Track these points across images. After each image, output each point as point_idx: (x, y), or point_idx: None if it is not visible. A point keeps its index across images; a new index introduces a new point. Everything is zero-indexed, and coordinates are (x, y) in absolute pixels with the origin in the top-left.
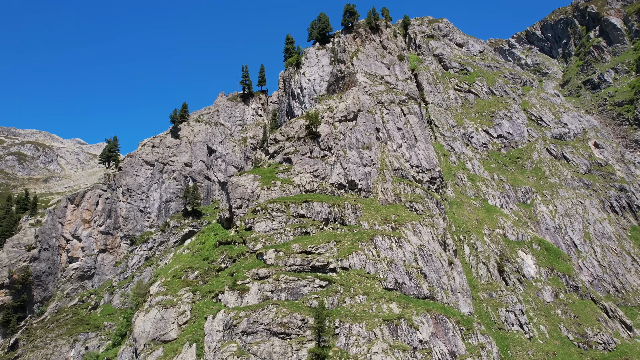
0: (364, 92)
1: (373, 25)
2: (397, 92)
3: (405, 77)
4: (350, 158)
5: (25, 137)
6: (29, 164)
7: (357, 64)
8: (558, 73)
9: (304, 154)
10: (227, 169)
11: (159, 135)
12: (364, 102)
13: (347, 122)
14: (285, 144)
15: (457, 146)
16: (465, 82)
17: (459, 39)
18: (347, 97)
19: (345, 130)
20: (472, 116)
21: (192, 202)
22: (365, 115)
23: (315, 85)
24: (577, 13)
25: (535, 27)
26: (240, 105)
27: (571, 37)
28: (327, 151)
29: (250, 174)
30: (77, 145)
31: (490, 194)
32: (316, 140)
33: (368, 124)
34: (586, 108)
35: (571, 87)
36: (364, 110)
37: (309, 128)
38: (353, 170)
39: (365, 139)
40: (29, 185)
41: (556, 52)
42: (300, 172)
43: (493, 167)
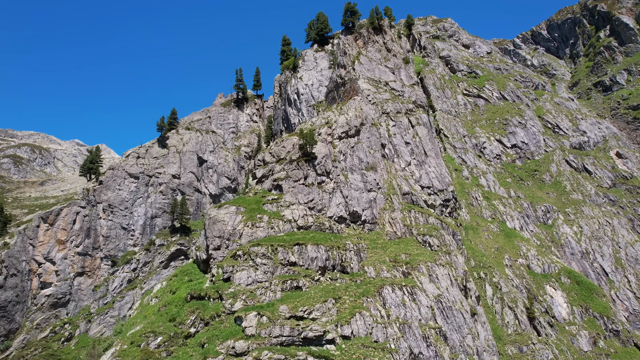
0: (367, 101)
1: (376, 26)
2: (403, 100)
3: (411, 82)
4: (352, 183)
5: (22, 139)
6: (25, 167)
7: (359, 68)
8: (566, 74)
9: (297, 180)
10: (219, 180)
11: (145, 144)
12: (367, 114)
13: (348, 139)
14: (275, 168)
15: (469, 159)
16: (474, 86)
17: (465, 39)
18: (348, 108)
19: (346, 149)
20: (483, 124)
21: (180, 218)
22: (369, 130)
23: (313, 90)
24: (585, 12)
25: (541, 27)
26: (234, 111)
27: (579, 37)
28: (324, 176)
29: (232, 205)
30: (76, 146)
31: (508, 215)
32: (311, 163)
33: (372, 140)
34: (598, 111)
35: (581, 89)
36: (367, 123)
37: (303, 148)
38: (356, 198)
39: (369, 157)
40: (24, 188)
41: (563, 52)
42: (292, 204)
43: (509, 182)
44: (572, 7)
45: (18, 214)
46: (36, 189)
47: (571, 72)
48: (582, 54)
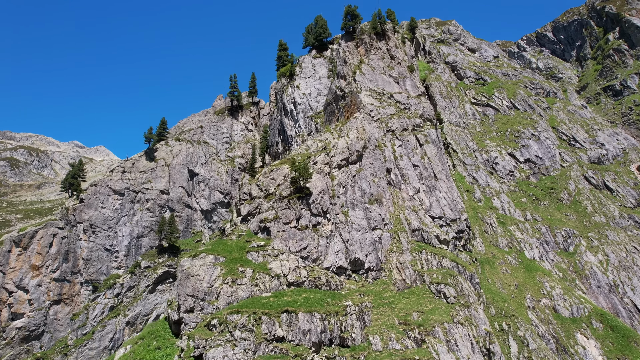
0: (369, 119)
1: (379, 31)
2: (409, 114)
3: (417, 92)
4: (353, 222)
5: (20, 141)
6: (22, 170)
7: (361, 79)
8: (573, 78)
9: (288, 223)
10: (212, 194)
11: (131, 157)
12: (370, 135)
13: (348, 167)
14: (263, 205)
15: (480, 177)
16: (483, 94)
17: (471, 43)
18: (348, 129)
19: (347, 179)
20: (493, 136)
21: (169, 237)
22: (372, 153)
23: (311, 100)
24: (592, 14)
25: (546, 29)
26: (228, 119)
27: (587, 39)
28: (320, 216)
29: (210, 253)
30: (75, 148)
31: (526, 243)
32: (305, 201)
33: (376, 165)
34: (608, 117)
35: (589, 94)
36: (370, 145)
37: (296, 182)
38: (358, 241)
39: (373, 188)
40: (20, 192)
41: (569, 55)
42: (282, 252)
43: (524, 203)
44: (578, 8)
45: (12, 219)
46: (32, 192)
47: (578, 75)
48: (589, 57)
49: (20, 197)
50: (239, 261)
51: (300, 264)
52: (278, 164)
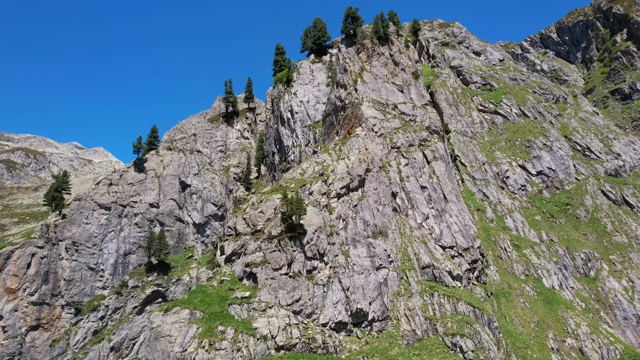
0: (372, 135)
1: (381, 35)
2: (415, 126)
3: (423, 101)
4: (355, 264)
5: (18, 143)
6: (19, 172)
7: (363, 89)
8: (579, 80)
9: (278, 269)
10: (205, 207)
11: (119, 169)
12: (373, 155)
13: (349, 195)
14: (249, 244)
15: (491, 193)
16: (490, 100)
17: (476, 46)
18: (349, 149)
19: (347, 210)
20: (502, 146)
21: (158, 253)
22: (376, 177)
23: (309, 108)
24: (599, 14)
25: (550, 30)
26: (223, 127)
27: (593, 41)
28: (316, 260)
29: (185, 307)
30: (73, 149)
31: (544, 269)
32: (299, 242)
33: (381, 190)
34: (617, 122)
35: (596, 97)
36: (374, 168)
37: (288, 219)
38: (360, 287)
39: (377, 218)
40: (17, 195)
41: (574, 56)
42: (270, 306)
43: (538, 222)
44: (584, 9)
45: (7, 223)
46: (29, 195)
47: (584, 78)
48: (595, 59)
49: (17, 200)
50: (219, 317)
51: (292, 320)
52: (269, 191)
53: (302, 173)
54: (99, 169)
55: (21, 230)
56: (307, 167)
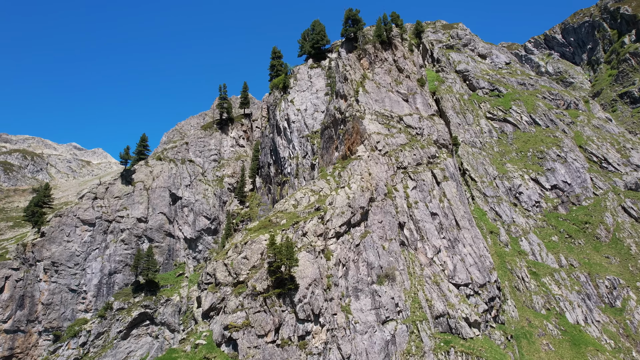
0: (376, 156)
1: (384, 39)
2: (422, 141)
3: (430, 112)
4: (357, 322)
5: (17, 144)
6: (16, 174)
7: (364, 99)
8: (585, 83)
9: (263, 335)
10: (197, 220)
11: (105, 181)
12: (378, 180)
13: (350, 233)
14: (230, 299)
15: (504, 211)
16: (499, 107)
17: (482, 48)
18: (350, 175)
19: (348, 253)
20: (513, 157)
21: (146, 272)
22: (381, 207)
23: (306, 117)
24: (605, 15)
25: (554, 31)
26: (217, 134)
27: (599, 42)
28: (310, 322)
29: None
30: (72, 150)
31: (566, 301)
32: (289, 299)
33: (387, 222)
34: (627, 127)
35: (604, 100)
36: (378, 196)
37: (276, 271)
38: (364, 352)
39: (383, 258)
40: (13, 197)
41: (579, 58)
42: None
43: (556, 243)
44: (589, 9)
45: (2, 227)
46: (26, 197)
47: (590, 80)
48: (602, 61)
49: (13, 203)
50: None
51: None
52: (256, 228)
53: (296, 204)
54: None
55: (16, 234)
56: (302, 198)
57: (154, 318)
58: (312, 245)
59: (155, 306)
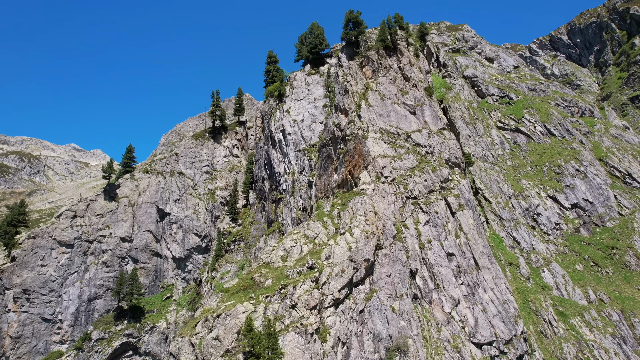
0: (383, 187)
1: (389, 44)
2: (433, 162)
3: (439, 125)
4: None
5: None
6: (12, 177)
7: (367, 114)
8: (592, 86)
9: None
10: (186, 238)
11: (86, 198)
12: (385, 220)
13: (352, 295)
14: None
15: (522, 237)
16: (510, 116)
17: (489, 51)
18: (351, 215)
19: (349, 326)
20: (528, 171)
21: (130, 296)
22: (389, 254)
23: (303, 129)
24: (614, 15)
25: (560, 32)
26: (209, 144)
27: (607, 44)
28: None
29: None
30: (71, 151)
31: (601, 348)
32: None
33: (396, 274)
34: (638, 132)
35: (614, 104)
36: (386, 239)
37: None
38: None
39: (392, 324)
40: (9, 200)
41: (586, 60)
42: None
43: (581, 273)
44: (596, 9)
45: None
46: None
47: (598, 82)
48: (611, 63)
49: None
50: None
51: None
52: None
53: (285, 256)
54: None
55: None
56: (292, 247)
57: (137, 348)
58: (304, 323)
59: (139, 334)
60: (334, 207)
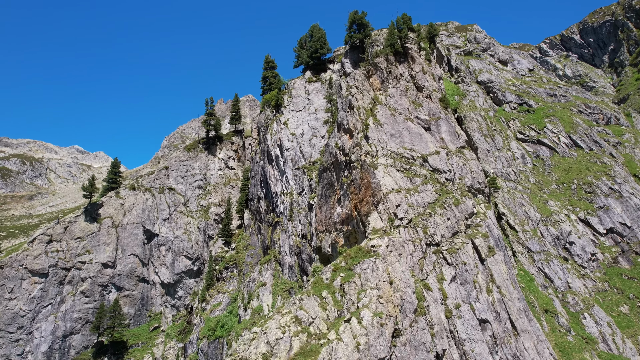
0: (398, 236)
1: (399, 49)
2: (455, 191)
3: (458, 142)
4: None
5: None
6: (14, 180)
7: (376, 135)
8: (607, 87)
9: None
10: (176, 261)
11: (65, 218)
12: (403, 290)
13: None
14: None
15: (555, 273)
16: (531, 126)
17: (502, 53)
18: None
19: None
20: (554, 190)
21: (111, 330)
22: (410, 339)
23: (302, 144)
24: (630, 14)
25: (572, 31)
26: (202, 156)
27: (623, 43)
28: None
29: None
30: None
31: None
32: None
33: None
34: None
35: (632, 107)
36: (405, 318)
37: None
38: None
39: None
40: (10, 204)
41: (600, 60)
42: None
43: (627, 317)
44: (610, 7)
45: None
46: (23, 204)
47: (614, 84)
48: (627, 63)
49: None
50: None
51: None
52: None
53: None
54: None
55: (7, 246)
56: (279, 340)
57: None
58: None
59: None
60: (336, 272)
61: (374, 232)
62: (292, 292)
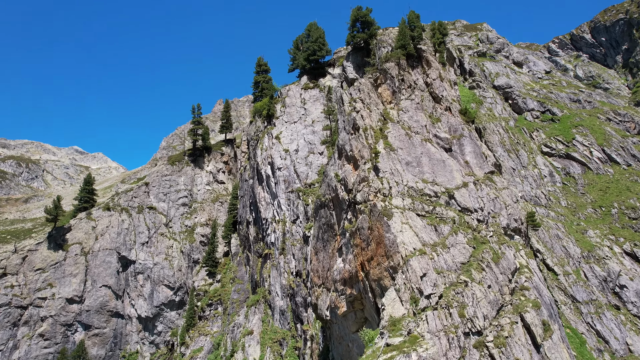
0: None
1: (411, 52)
2: (492, 242)
3: (486, 167)
4: None
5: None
6: (9, 182)
7: (389, 165)
8: (622, 89)
9: None
10: (155, 292)
11: (24, 246)
12: None
13: None
14: None
15: (609, 330)
16: (557, 137)
17: (516, 54)
18: None
19: None
20: (590, 214)
21: None
22: None
23: (297, 162)
24: None
25: (583, 30)
26: (188, 169)
27: (638, 43)
28: None
29: None
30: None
31: None
32: None
33: None
34: None
35: None
36: None
37: None
38: None
39: None
40: (5, 207)
41: (612, 60)
42: None
43: None
44: (624, 5)
45: None
46: (18, 207)
47: (628, 85)
48: None
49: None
50: None
51: None
52: None
53: None
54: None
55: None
56: None
57: None
58: None
59: None
60: None
61: (392, 326)
62: (283, 344)
